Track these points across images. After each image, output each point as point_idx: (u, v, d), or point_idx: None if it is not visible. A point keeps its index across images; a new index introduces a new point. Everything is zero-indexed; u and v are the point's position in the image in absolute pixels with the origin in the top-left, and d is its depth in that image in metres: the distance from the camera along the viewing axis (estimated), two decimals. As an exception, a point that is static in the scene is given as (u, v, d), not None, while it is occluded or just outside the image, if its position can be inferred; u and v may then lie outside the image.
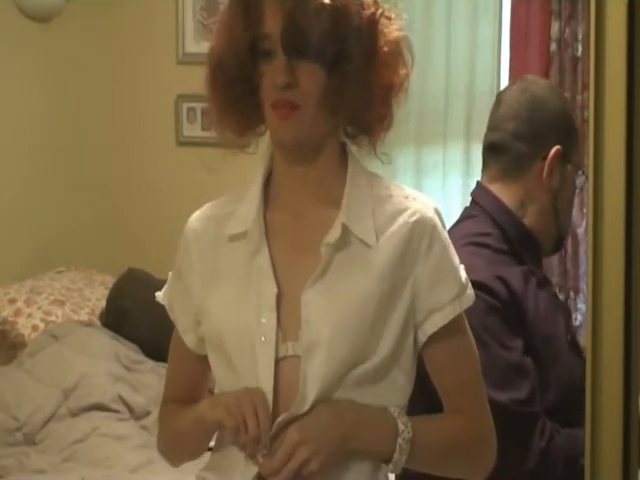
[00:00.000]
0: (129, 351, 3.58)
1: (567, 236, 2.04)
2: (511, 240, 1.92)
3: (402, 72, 1.42)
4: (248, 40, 1.38)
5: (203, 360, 1.55)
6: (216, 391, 1.52)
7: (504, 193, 1.96)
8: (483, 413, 1.50)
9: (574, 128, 1.99)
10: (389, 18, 1.42)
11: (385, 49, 1.40)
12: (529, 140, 1.96)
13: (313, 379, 1.38)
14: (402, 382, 1.45)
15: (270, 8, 1.37)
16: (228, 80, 1.41)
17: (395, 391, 1.45)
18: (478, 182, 2.01)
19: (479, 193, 1.99)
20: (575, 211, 3.96)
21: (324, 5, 1.35)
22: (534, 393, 1.79)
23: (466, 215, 1.97)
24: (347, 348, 1.38)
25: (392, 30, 1.41)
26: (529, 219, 1.95)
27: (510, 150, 1.96)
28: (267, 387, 1.39)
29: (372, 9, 1.39)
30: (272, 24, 1.37)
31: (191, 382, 1.60)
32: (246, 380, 1.41)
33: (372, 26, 1.39)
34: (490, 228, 1.92)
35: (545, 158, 1.93)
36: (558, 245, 2.05)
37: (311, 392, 1.38)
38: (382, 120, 1.43)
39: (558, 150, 1.93)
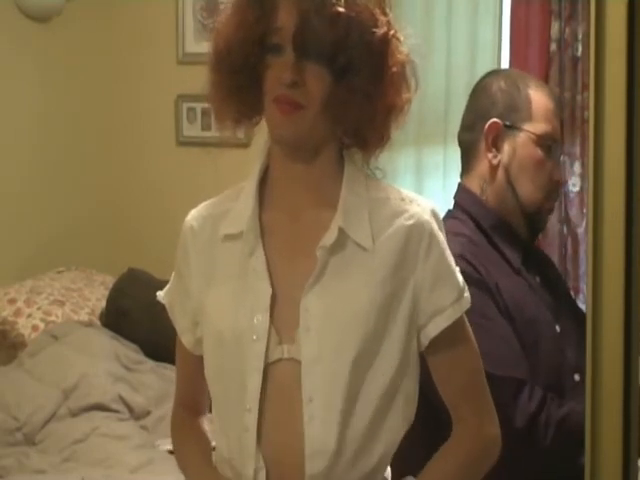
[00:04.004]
0: (129, 351, 3.58)
1: (539, 210, 1.99)
2: (485, 230, 1.93)
3: (405, 95, 1.42)
4: (259, 32, 1.38)
5: (202, 362, 1.55)
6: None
7: (472, 185, 1.99)
8: (489, 418, 1.49)
9: (520, 98, 1.96)
10: (399, 40, 1.42)
11: (393, 69, 1.40)
12: (472, 126, 2.00)
13: (319, 395, 1.37)
14: (412, 390, 1.45)
15: (285, 3, 1.37)
16: (233, 67, 1.40)
17: (408, 401, 1.44)
18: (458, 183, 2.04)
19: (457, 192, 2.04)
20: (575, 211, 3.99)
21: (339, 12, 1.35)
22: (518, 361, 1.80)
23: (445, 216, 1.98)
24: (352, 357, 1.37)
25: (401, 52, 1.41)
26: (491, 202, 1.97)
27: (462, 142, 2.03)
28: (254, 388, 1.39)
29: (385, 28, 1.39)
30: (285, 19, 1.37)
31: (192, 385, 1.60)
32: (235, 382, 1.41)
33: (384, 44, 1.39)
34: (464, 225, 1.93)
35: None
36: (531, 222, 2.00)
37: (319, 407, 1.37)
38: (380, 139, 1.43)
39: (493, 123, 1.95)
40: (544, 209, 2.00)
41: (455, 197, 2.03)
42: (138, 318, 3.63)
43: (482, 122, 1.96)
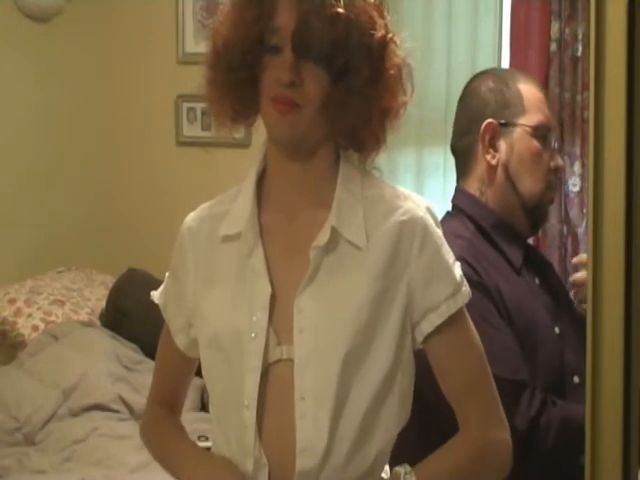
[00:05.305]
0: (129, 351, 3.58)
1: (540, 202, 1.99)
2: (486, 231, 1.93)
3: (401, 98, 1.43)
4: (257, 31, 1.38)
5: (189, 363, 1.56)
6: (209, 390, 1.51)
7: (470, 188, 2.00)
8: (495, 420, 1.47)
9: (511, 94, 1.97)
10: (396, 43, 1.42)
11: (390, 72, 1.40)
12: (467, 131, 2.00)
13: (310, 394, 1.37)
14: (407, 387, 1.45)
15: (284, 3, 1.37)
16: (230, 65, 1.40)
17: (403, 398, 1.44)
18: (455, 187, 2.05)
19: (455, 196, 2.04)
20: (575, 211, 3.99)
21: (339, 14, 1.35)
22: (519, 364, 1.79)
23: (443, 218, 1.97)
24: (342, 355, 1.37)
25: (398, 55, 1.42)
26: (491, 203, 1.97)
27: (458, 148, 2.03)
28: (253, 385, 1.39)
29: (383, 31, 1.40)
30: (284, 19, 1.37)
31: (174, 384, 1.62)
32: (234, 381, 1.41)
33: (382, 47, 1.39)
34: (464, 226, 1.94)
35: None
36: (533, 216, 2.00)
37: (311, 405, 1.37)
38: (376, 141, 1.44)
39: (489, 124, 1.96)
40: (545, 200, 2.01)
41: (453, 200, 2.03)
42: (138, 318, 3.63)
43: (477, 125, 1.96)
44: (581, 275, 1.86)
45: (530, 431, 1.76)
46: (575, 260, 1.87)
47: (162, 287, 1.58)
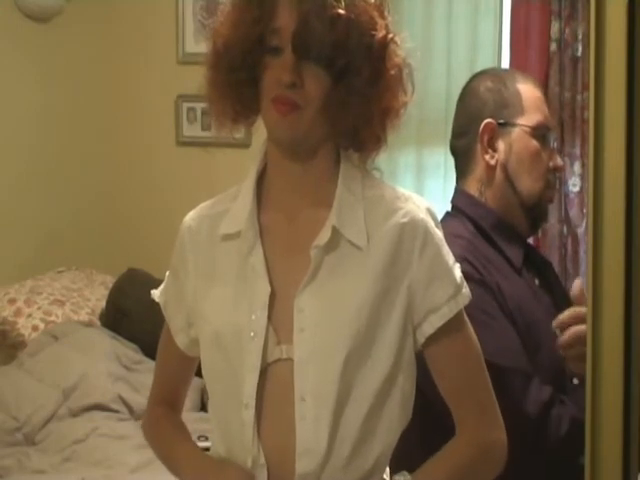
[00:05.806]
0: (129, 351, 3.58)
1: (539, 201, 1.99)
2: (485, 231, 1.93)
3: (402, 98, 1.43)
4: (257, 32, 1.38)
5: (189, 362, 1.56)
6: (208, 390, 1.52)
7: (470, 188, 2.00)
8: (491, 421, 1.48)
9: (510, 93, 1.98)
10: (397, 43, 1.43)
11: (391, 72, 1.41)
12: (465, 131, 2.00)
13: (310, 395, 1.37)
14: (408, 389, 1.45)
15: (284, 4, 1.38)
16: (231, 65, 1.41)
17: (405, 400, 1.44)
18: (455, 187, 2.05)
19: (454, 196, 2.04)
20: (575, 211, 4.00)
21: (339, 14, 1.35)
22: (524, 357, 1.80)
23: (443, 219, 1.97)
24: (343, 356, 1.37)
25: (399, 55, 1.43)
26: (491, 203, 1.97)
27: (457, 148, 2.03)
28: (252, 384, 1.39)
29: (384, 31, 1.40)
30: (284, 20, 1.37)
31: (175, 383, 1.62)
32: (234, 380, 1.42)
33: (382, 47, 1.40)
34: (463, 227, 1.93)
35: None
36: (533, 215, 2.00)
37: (311, 406, 1.37)
38: (377, 141, 1.44)
39: (487, 124, 1.95)
40: (544, 199, 2.00)
41: (453, 200, 2.03)
42: (138, 318, 3.63)
43: (476, 125, 1.96)
44: (565, 339, 1.69)
45: (541, 419, 1.75)
46: (555, 324, 1.75)
47: (162, 286, 1.58)
